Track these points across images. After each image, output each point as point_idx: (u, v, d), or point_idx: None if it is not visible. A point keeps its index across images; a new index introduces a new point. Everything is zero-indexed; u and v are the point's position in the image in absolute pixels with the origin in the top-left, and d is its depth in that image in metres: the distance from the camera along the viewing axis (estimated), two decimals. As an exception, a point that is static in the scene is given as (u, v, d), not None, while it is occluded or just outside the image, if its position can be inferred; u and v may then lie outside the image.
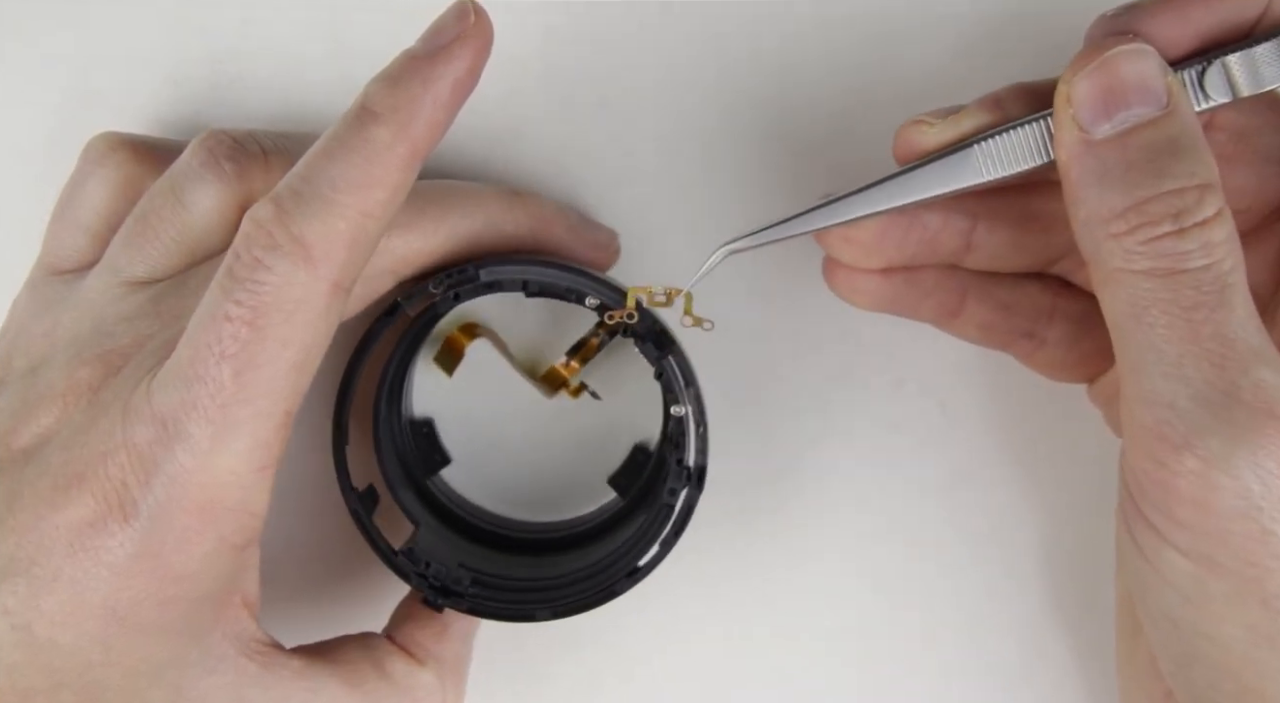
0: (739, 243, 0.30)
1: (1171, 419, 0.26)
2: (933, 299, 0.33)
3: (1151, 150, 0.27)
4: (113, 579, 0.27)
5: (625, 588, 0.32)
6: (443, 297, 0.31)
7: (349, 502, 0.32)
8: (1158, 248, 0.26)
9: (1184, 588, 0.27)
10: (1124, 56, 0.27)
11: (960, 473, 0.37)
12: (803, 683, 0.38)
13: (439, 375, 0.37)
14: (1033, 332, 0.33)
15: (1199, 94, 0.28)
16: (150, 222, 0.31)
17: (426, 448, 0.37)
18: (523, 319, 0.37)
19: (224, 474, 0.27)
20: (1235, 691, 0.27)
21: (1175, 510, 0.26)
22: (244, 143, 0.32)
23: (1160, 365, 0.26)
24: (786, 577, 0.38)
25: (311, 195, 0.26)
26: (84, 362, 0.29)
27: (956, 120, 0.30)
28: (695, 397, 0.32)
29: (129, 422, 0.27)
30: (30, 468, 0.28)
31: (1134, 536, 0.28)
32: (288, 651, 0.30)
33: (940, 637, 0.38)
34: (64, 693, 0.27)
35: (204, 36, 0.37)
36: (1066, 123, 0.27)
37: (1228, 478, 0.25)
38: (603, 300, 0.32)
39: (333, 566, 0.37)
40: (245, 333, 0.26)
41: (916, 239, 0.32)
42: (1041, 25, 0.36)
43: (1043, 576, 0.37)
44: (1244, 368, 0.25)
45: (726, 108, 0.36)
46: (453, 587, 0.32)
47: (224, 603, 0.29)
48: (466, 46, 0.27)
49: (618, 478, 0.37)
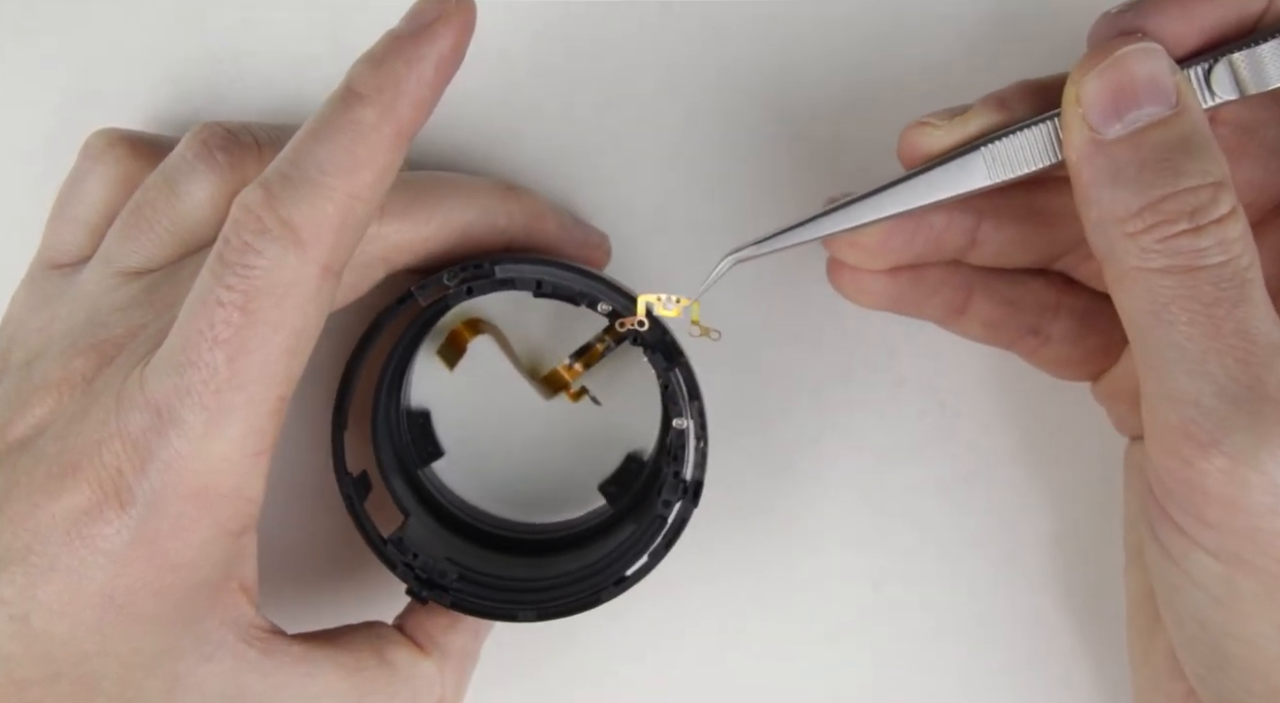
0: (745, 252, 0.30)
1: (1197, 417, 0.26)
2: (938, 297, 0.33)
3: (1164, 149, 0.26)
4: (110, 567, 0.27)
5: (611, 596, 0.32)
6: (455, 289, 0.31)
7: (342, 487, 0.32)
8: (1174, 245, 0.26)
9: (1213, 589, 0.27)
10: (1134, 55, 0.27)
11: (960, 472, 0.37)
12: (802, 682, 0.38)
13: (440, 368, 0.37)
14: (1037, 328, 0.33)
15: (1205, 92, 0.28)
16: (144, 212, 0.31)
17: (421, 439, 0.37)
18: (527, 318, 0.37)
19: (219, 460, 0.27)
20: (1265, 691, 0.27)
21: (1204, 510, 0.26)
22: (237, 134, 0.32)
23: (1183, 363, 0.26)
24: (785, 575, 0.38)
25: (299, 179, 0.26)
26: (78, 352, 0.29)
27: (962, 122, 0.29)
28: (699, 411, 0.32)
29: (123, 409, 0.27)
30: (25, 458, 0.28)
31: (1160, 539, 0.28)
32: (288, 636, 0.30)
33: (941, 636, 0.38)
34: (61, 683, 0.27)
35: (204, 36, 0.37)
36: (1076, 123, 0.27)
37: (1257, 474, 0.25)
38: (614, 307, 0.31)
39: (338, 554, 0.37)
40: (237, 318, 0.26)
41: (923, 239, 0.32)
42: (1044, 22, 0.36)
43: (1045, 574, 0.37)
44: (1267, 363, 0.25)
45: (727, 107, 0.36)
46: (438, 580, 0.32)
47: (221, 590, 0.29)
48: (449, 24, 0.27)
49: (608, 485, 0.37)
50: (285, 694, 0.29)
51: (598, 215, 0.37)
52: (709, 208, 0.37)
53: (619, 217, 0.37)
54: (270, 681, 0.29)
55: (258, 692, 0.29)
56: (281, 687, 0.29)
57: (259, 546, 0.30)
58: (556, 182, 0.37)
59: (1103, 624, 0.36)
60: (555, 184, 0.37)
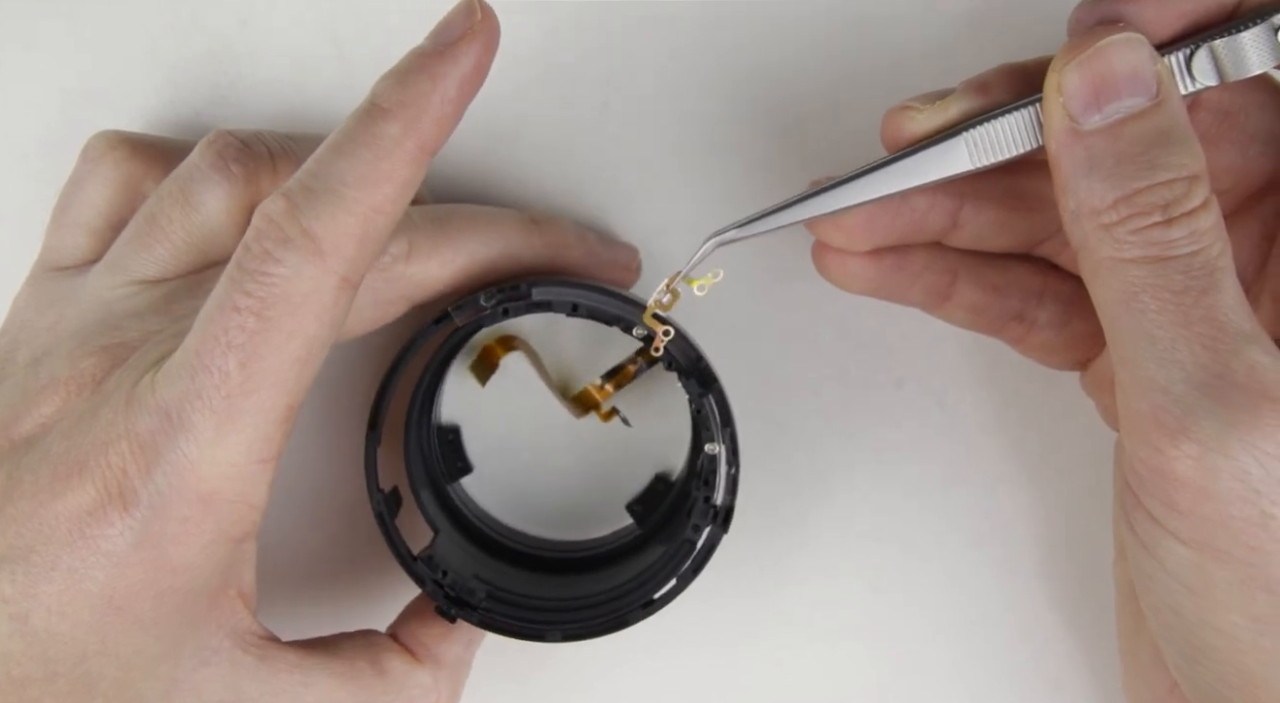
0: (728, 234, 0.30)
1: (1167, 404, 0.26)
2: (922, 281, 0.33)
3: (1142, 141, 0.27)
4: (111, 568, 0.27)
5: (639, 619, 0.32)
6: (492, 311, 0.31)
7: (374, 502, 0.32)
8: (1147, 236, 0.26)
9: (1186, 578, 0.27)
10: (1115, 46, 0.27)
11: (960, 471, 0.38)
12: (801, 682, 0.38)
13: (472, 383, 0.37)
14: (1023, 314, 0.33)
15: (1186, 78, 0.28)
16: (159, 222, 0.31)
17: (450, 454, 0.37)
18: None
19: (225, 466, 0.27)
20: (1241, 682, 0.27)
21: (1175, 497, 0.26)
22: (251, 145, 0.32)
23: (1153, 351, 0.26)
24: (785, 575, 0.38)
25: (322, 190, 0.27)
26: (88, 352, 0.29)
27: (944, 106, 0.29)
28: (731, 436, 0.32)
29: (132, 411, 0.27)
30: (31, 456, 0.28)
31: (1134, 528, 0.28)
32: (284, 644, 0.30)
33: (941, 635, 0.38)
34: (58, 683, 0.27)
35: (204, 36, 0.37)
36: (1057, 112, 0.27)
37: (1225, 461, 0.25)
38: (648, 331, 0.31)
39: (340, 565, 0.37)
40: (253, 323, 0.26)
41: (905, 221, 0.32)
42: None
43: (1043, 572, 0.38)
44: (1235, 350, 0.26)
45: (728, 105, 0.37)
46: (467, 598, 0.32)
47: (220, 596, 0.29)
48: (473, 43, 0.27)
49: (636, 505, 0.37)
50: (281, 701, 0.30)
51: (596, 214, 0.37)
52: (710, 204, 0.37)
53: (619, 216, 0.37)
54: (266, 687, 0.29)
55: (253, 698, 0.29)
56: (277, 693, 0.29)
57: (259, 553, 0.30)
58: (558, 181, 0.37)
59: (1102, 624, 0.36)
60: (557, 184, 0.37)
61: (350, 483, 0.33)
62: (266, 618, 0.30)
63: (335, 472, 0.34)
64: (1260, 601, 0.26)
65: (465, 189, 0.37)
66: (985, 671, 0.38)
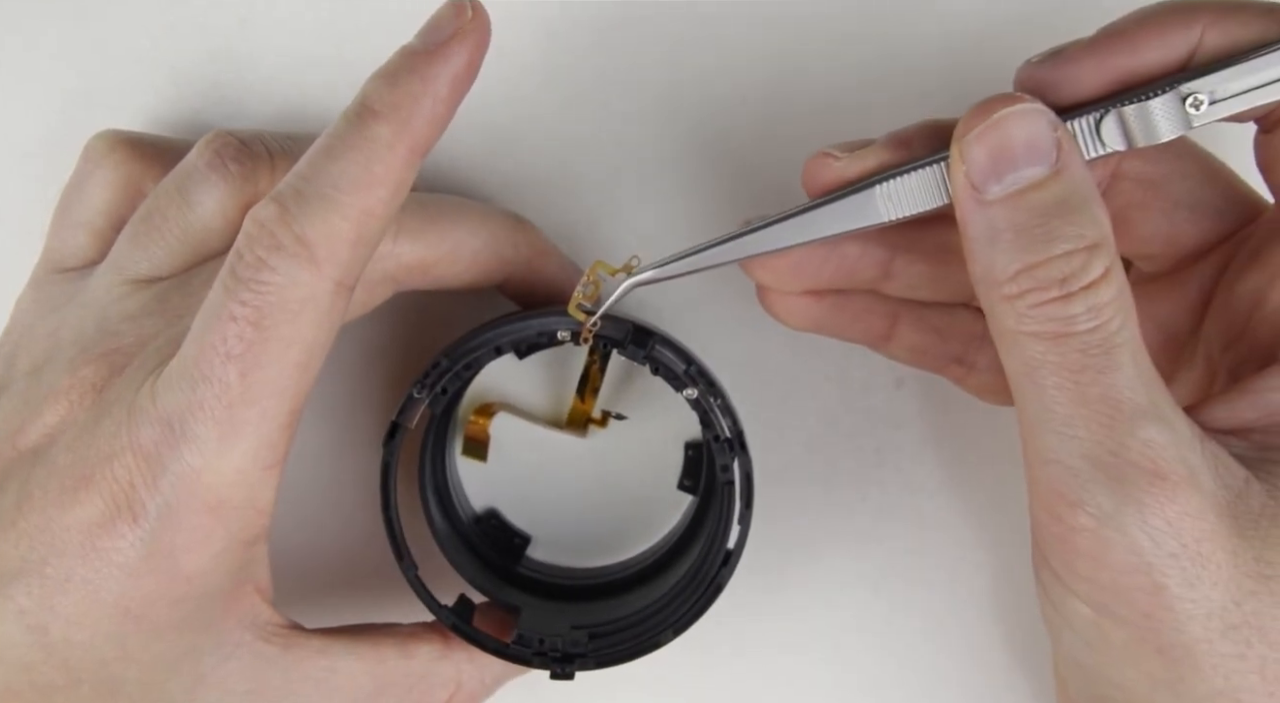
0: (644, 275, 0.30)
1: (1065, 477, 0.26)
2: (862, 322, 0.33)
3: (1040, 213, 0.26)
4: (125, 580, 0.27)
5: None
6: (432, 398, 0.31)
7: (442, 619, 0.31)
8: (1046, 312, 0.26)
9: (1087, 635, 0.28)
10: (1013, 117, 0.27)
11: (960, 472, 0.38)
12: (801, 683, 0.38)
13: (477, 465, 0.37)
14: (962, 357, 0.34)
15: (1096, 142, 0.28)
16: (155, 221, 0.31)
17: (502, 537, 0.37)
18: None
19: (231, 474, 0.27)
20: None
21: (1074, 563, 0.27)
22: (250, 144, 0.32)
23: (1052, 424, 0.26)
24: (784, 576, 0.38)
25: (314, 195, 0.26)
26: (88, 360, 0.29)
27: (863, 156, 0.29)
28: (699, 373, 0.31)
29: (134, 422, 0.27)
30: (38, 468, 0.28)
31: (1042, 583, 0.28)
32: (307, 631, 0.30)
33: (941, 636, 0.38)
34: (83, 688, 0.27)
35: (204, 36, 0.37)
36: (960, 180, 0.27)
37: (1118, 535, 0.26)
38: (571, 328, 0.31)
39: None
40: (250, 333, 0.26)
41: (834, 268, 0.32)
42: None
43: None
44: (1131, 428, 0.26)
45: (725, 108, 0.36)
46: (572, 650, 0.32)
47: (236, 594, 0.29)
48: (464, 42, 0.27)
49: (684, 480, 0.37)
50: (306, 687, 0.30)
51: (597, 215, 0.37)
52: (708, 206, 0.37)
53: (618, 215, 0.37)
54: (291, 675, 0.30)
55: (277, 685, 0.30)
56: (303, 679, 0.30)
57: (283, 555, 0.30)
58: (556, 181, 0.37)
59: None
60: (555, 184, 0.37)
61: (364, 480, 0.32)
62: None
63: (327, 468, 0.34)
64: (1154, 661, 0.26)
65: (462, 190, 0.37)
66: (986, 672, 0.38)
